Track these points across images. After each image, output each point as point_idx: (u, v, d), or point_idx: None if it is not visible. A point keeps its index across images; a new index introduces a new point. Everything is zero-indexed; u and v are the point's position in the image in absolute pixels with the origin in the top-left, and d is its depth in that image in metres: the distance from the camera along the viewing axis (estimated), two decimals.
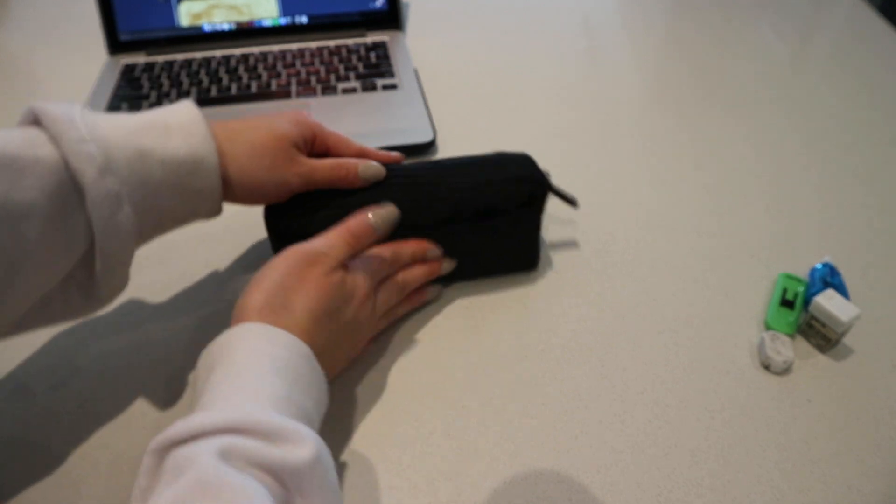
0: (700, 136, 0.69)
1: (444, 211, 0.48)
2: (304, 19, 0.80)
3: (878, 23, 0.88)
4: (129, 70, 0.75)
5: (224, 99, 0.71)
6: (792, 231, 0.58)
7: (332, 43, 0.79)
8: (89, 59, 0.78)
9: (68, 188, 0.36)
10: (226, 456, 0.30)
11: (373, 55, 0.77)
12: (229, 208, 0.45)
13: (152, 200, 0.40)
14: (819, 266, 0.53)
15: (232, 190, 0.44)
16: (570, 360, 0.48)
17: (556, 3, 0.91)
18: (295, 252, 0.43)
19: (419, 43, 0.82)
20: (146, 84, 0.73)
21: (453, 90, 0.75)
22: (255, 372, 0.35)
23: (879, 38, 0.85)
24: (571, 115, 0.72)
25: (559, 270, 0.55)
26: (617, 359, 0.48)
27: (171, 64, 0.76)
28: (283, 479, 0.31)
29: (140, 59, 0.77)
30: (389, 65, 0.76)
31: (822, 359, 0.49)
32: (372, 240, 0.46)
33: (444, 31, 0.85)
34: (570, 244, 0.57)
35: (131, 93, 0.72)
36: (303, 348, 0.38)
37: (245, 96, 0.71)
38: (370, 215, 0.46)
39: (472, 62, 0.80)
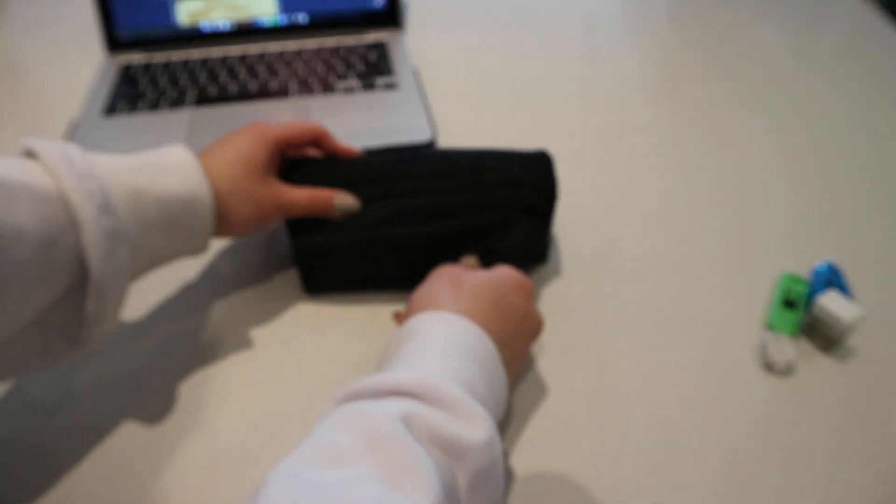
0: (701, 136, 0.69)
1: (453, 227, 0.49)
2: (303, 18, 0.80)
3: (881, 21, 0.88)
4: (126, 69, 0.75)
5: (223, 98, 0.71)
6: (794, 231, 0.58)
7: (331, 42, 0.79)
8: (87, 58, 0.78)
9: (63, 220, 0.35)
10: (407, 421, 0.30)
11: (372, 54, 0.77)
12: None
13: (146, 239, 0.40)
14: (821, 266, 0.52)
15: (221, 224, 0.44)
16: (570, 359, 0.48)
17: (556, 2, 0.91)
18: (514, 277, 0.44)
19: (419, 43, 0.82)
20: (144, 83, 0.73)
21: (453, 90, 0.74)
22: (444, 351, 0.36)
23: (883, 37, 0.85)
24: (571, 115, 0.71)
25: (559, 270, 0.54)
26: (618, 359, 0.48)
27: (169, 63, 0.76)
28: (452, 454, 0.31)
29: (138, 58, 0.77)
30: (389, 64, 0.76)
31: (824, 359, 0.48)
32: None
33: (444, 30, 0.85)
34: (571, 244, 0.56)
35: (129, 92, 0.72)
36: (490, 345, 0.39)
37: (244, 95, 0.71)
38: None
39: (472, 62, 0.80)
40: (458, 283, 0.42)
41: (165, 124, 0.67)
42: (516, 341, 0.42)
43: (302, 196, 0.47)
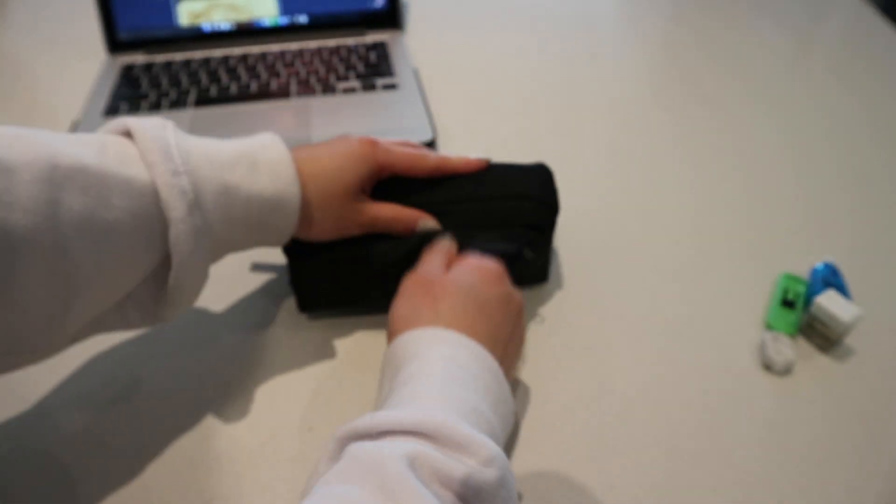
0: (700, 136, 0.69)
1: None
2: (303, 19, 0.80)
3: (879, 23, 0.88)
4: (128, 69, 0.75)
5: (223, 98, 0.71)
6: (793, 231, 0.58)
7: (331, 42, 0.79)
8: (88, 59, 0.78)
9: (154, 214, 0.36)
10: (414, 464, 0.28)
11: (372, 55, 0.77)
12: None
13: (229, 234, 0.40)
14: (820, 266, 0.52)
15: (300, 227, 0.43)
16: (570, 359, 0.48)
17: (556, 3, 0.91)
18: (481, 268, 0.43)
19: (419, 43, 0.82)
20: (145, 84, 0.73)
21: (453, 90, 0.74)
22: (444, 378, 0.35)
23: (881, 38, 0.85)
24: (571, 115, 0.72)
25: (559, 270, 0.55)
26: (617, 359, 0.48)
27: (170, 63, 0.76)
28: (463, 496, 0.29)
29: (139, 58, 0.77)
30: (389, 64, 0.76)
31: (823, 359, 0.48)
32: None
33: (444, 31, 0.85)
34: (569, 243, 0.56)
35: (130, 92, 0.72)
36: (491, 362, 0.37)
37: (244, 96, 0.71)
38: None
39: (472, 62, 0.80)
40: (432, 292, 0.41)
41: None
42: (505, 330, 0.41)
43: (386, 214, 0.46)
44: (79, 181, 0.33)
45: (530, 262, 0.49)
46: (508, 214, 0.48)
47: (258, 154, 0.40)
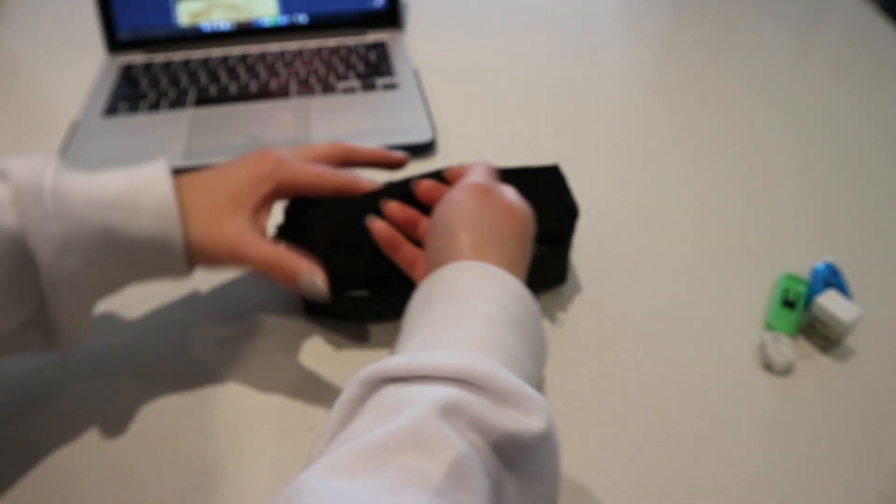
0: (701, 136, 0.69)
1: None
2: (303, 18, 0.80)
3: (879, 22, 0.88)
4: (127, 69, 0.75)
5: (223, 98, 0.71)
6: (793, 231, 0.58)
7: (331, 42, 0.79)
8: (87, 58, 0.78)
9: (24, 260, 0.35)
10: (448, 413, 0.26)
11: (372, 54, 0.77)
12: None
13: (113, 275, 0.39)
14: (820, 266, 0.52)
15: (197, 258, 0.41)
16: (570, 360, 0.48)
17: (556, 3, 0.91)
18: (473, 188, 0.40)
19: (419, 43, 0.82)
20: (145, 84, 0.73)
21: (453, 90, 0.74)
22: (485, 319, 0.32)
23: (881, 37, 0.85)
24: (571, 115, 0.71)
25: None
26: (617, 359, 0.48)
27: (169, 63, 0.76)
28: (502, 450, 0.27)
29: (138, 58, 0.77)
30: (389, 64, 0.76)
31: (823, 359, 0.48)
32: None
33: (444, 31, 0.85)
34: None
35: (129, 92, 0.72)
36: (529, 300, 0.35)
37: (244, 96, 0.71)
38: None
39: (472, 62, 0.80)
40: (469, 222, 0.38)
41: (166, 125, 0.67)
42: (523, 237, 0.39)
43: (263, 254, 0.40)
44: None
45: (546, 262, 0.47)
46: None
47: (141, 193, 0.38)
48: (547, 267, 0.49)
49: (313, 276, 0.40)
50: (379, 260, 0.44)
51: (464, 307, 0.33)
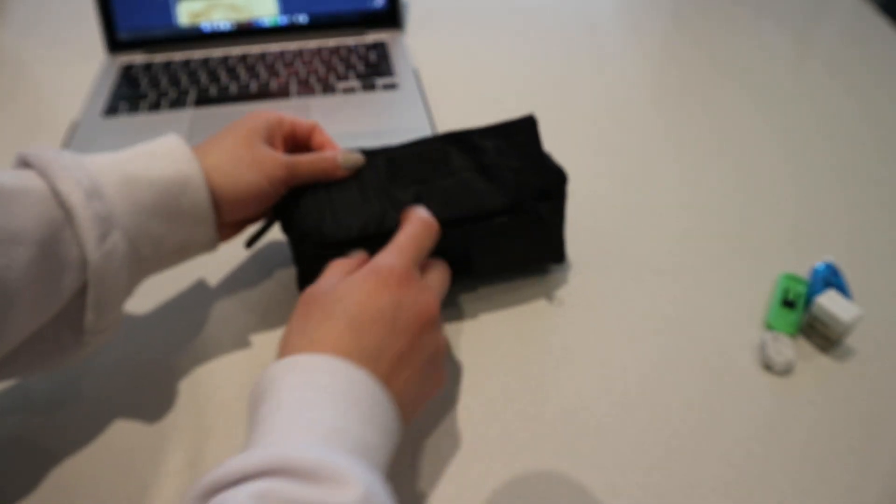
0: (700, 136, 0.69)
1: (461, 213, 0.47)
2: (303, 18, 0.80)
3: (879, 22, 0.88)
4: (127, 69, 0.75)
5: (223, 98, 0.71)
6: (793, 231, 0.58)
7: (331, 42, 0.79)
8: (88, 59, 0.78)
9: (59, 216, 0.36)
10: (260, 502, 0.27)
11: (372, 54, 0.77)
12: None
13: (144, 226, 0.39)
14: (820, 266, 0.52)
15: (224, 204, 0.43)
16: (570, 360, 0.48)
17: (556, 3, 0.91)
18: (375, 272, 0.39)
19: (419, 43, 0.82)
20: (145, 84, 0.73)
21: (453, 90, 0.74)
22: (294, 406, 0.33)
23: (881, 38, 0.85)
24: (571, 115, 0.71)
25: (558, 270, 0.55)
26: (617, 359, 0.48)
27: (169, 63, 0.76)
28: None
29: (139, 58, 0.77)
30: (389, 64, 0.76)
31: (823, 359, 0.48)
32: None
33: (444, 31, 0.85)
34: (569, 244, 0.56)
35: (130, 92, 0.72)
36: (355, 372, 0.34)
37: (244, 96, 0.71)
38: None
39: (472, 62, 0.80)
40: (309, 311, 0.38)
41: (166, 125, 0.67)
42: (392, 341, 0.37)
43: (306, 157, 0.46)
44: None
45: (546, 223, 0.48)
46: (508, 183, 0.48)
47: (153, 146, 0.42)
48: (547, 229, 0.50)
49: (347, 155, 0.47)
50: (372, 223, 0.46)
51: (274, 402, 0.33)
